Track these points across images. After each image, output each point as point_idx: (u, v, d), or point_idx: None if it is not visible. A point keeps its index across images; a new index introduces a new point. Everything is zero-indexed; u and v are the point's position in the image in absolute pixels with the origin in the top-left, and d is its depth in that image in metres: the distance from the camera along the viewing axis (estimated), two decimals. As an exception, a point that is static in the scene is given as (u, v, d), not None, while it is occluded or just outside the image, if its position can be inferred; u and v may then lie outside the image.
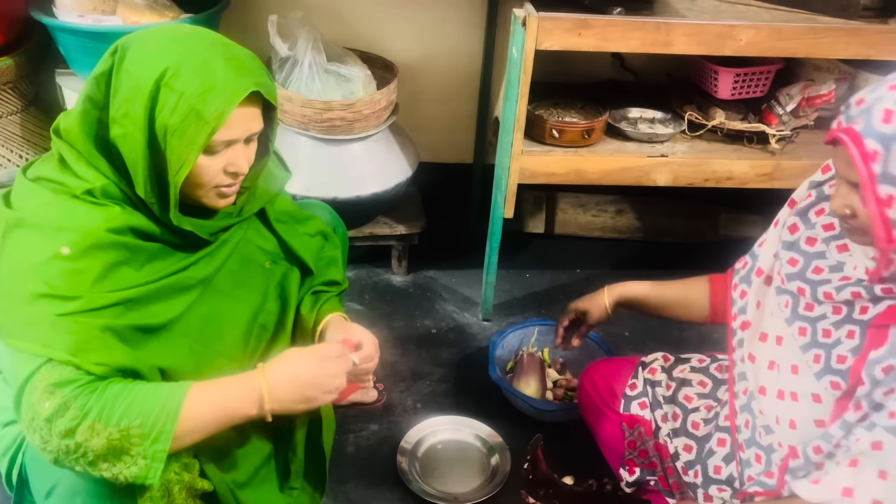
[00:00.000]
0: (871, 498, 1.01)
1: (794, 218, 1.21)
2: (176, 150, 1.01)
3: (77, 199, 1.03)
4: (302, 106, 1.99)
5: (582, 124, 1.94)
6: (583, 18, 1.71)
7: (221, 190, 1.11)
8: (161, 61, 1.00)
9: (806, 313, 1.15)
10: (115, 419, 0.98)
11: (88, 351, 0.99)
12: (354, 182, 2.08)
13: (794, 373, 1.15)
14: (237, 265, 1.21)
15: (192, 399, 1.03)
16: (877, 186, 0.93)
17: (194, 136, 1.01)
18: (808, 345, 1.13)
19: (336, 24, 2.26)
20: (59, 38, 1.93)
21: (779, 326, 1.19)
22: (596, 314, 1.55)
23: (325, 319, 1.30)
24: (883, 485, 1.00)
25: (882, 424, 1.01)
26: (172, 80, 0.99)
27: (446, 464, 1.72)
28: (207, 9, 1.97)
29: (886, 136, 0.91)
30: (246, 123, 1.07)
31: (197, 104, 0.99)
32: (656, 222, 2.56)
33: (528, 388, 1.84)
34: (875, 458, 1.01)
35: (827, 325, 1.12)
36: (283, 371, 1.10)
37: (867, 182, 0.93)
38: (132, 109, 1.00)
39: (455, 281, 2.33)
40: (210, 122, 1.00)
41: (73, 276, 0.99)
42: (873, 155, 0.92)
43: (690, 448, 1.37)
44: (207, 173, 1.07)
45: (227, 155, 1.08)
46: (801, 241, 1.18)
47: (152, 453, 0.99)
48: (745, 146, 2.00)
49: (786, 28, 1.78)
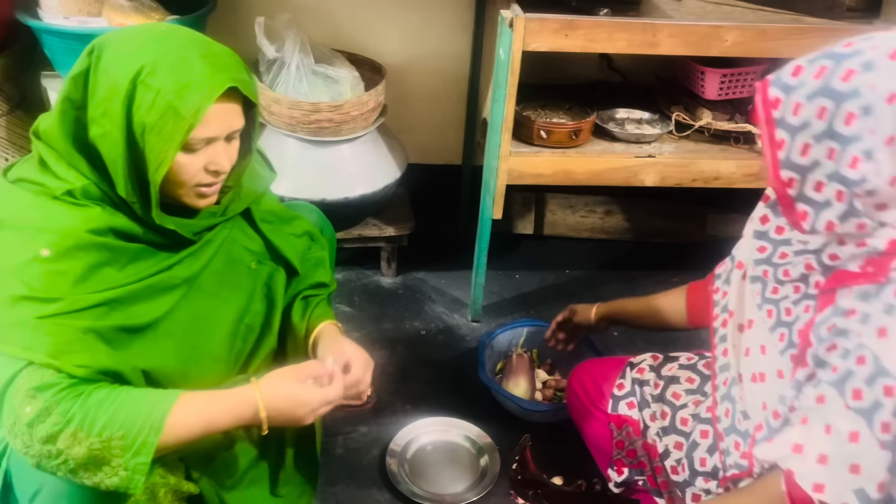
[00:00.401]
0: (818, 452, 1.03)
1: (766, 210, 1.24)
2: (154, 148, 1.00)
3: (57, 201, 1.02)
4: (289, 108, 1.99)
5: (570, 125, 1.95)
6: (570, 19, 1.72)
7: (202, 190, 1.10)
8: (137, 59, 1.00)
9: (772, 296, 1.19)
10: (98, 428, 0.96)
11: (70, 353, 0.98)
12: (343, 184, 2.08)
13: (763, 353, 1.19)
14: (222, 265, 1.21)
15: (179, 411, 1.01)
16: (774, 130, 1.00)
17: (172, 134, 1.00)
18: (774, 325, 1.17)
19: (323, 25, 2.25)
20: (44, 40, 1.92)
21: (752, 313, 1.23)
22: (581, 315, 1.71)
23: (317, 329, 1.29)
24: (827, 438, 1.02)
25: (825, 380, 1.03)
26: (149, 77, 0.99)
27: (435, 465, 1.72)
28: (194, 11, 1.96)
29: (789, 86, 0.98)
30: (225, 121, 1.06)
31: (174, 101, 0.99)
32: (645, 223, 2.57)
33: (517, 388, 1.84)
34: (820, 412, 1.03)
35: (788, 304, 1.16)
36: (282, 389, 1.10)
37: (765, 125, 1.01)
38: (110, 108, 1.00)
39: (444, 282, 2.33)
40: (187, 118, 1.00)
41: (53, 278, 0.98)
42: (775, 102, 1.00)
43: (681, 445, 1.37)
44: (187, 171, 1.06)
45: (208, 153, 1.07)
46: (770, 230, 1.22)
47: (133, 465, 0.98)
48: (732, 146, 2.01)
49: (771, 28, 1.79)
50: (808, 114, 0.97)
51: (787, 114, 0.99)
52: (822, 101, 0.95)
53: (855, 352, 1.00)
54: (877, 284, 1.00)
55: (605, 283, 2.40)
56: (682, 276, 2.35)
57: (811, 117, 0.97)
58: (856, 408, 0.99)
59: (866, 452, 0.99)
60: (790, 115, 0.98)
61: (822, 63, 0.97)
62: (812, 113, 0.96)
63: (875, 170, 0.94)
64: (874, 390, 0.98)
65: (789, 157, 1.00)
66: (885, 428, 0.98)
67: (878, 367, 0.98)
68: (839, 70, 0.94)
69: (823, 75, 0.96)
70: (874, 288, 1.00)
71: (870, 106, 0.92)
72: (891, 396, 0.97)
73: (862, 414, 0.99)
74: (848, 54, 0.96)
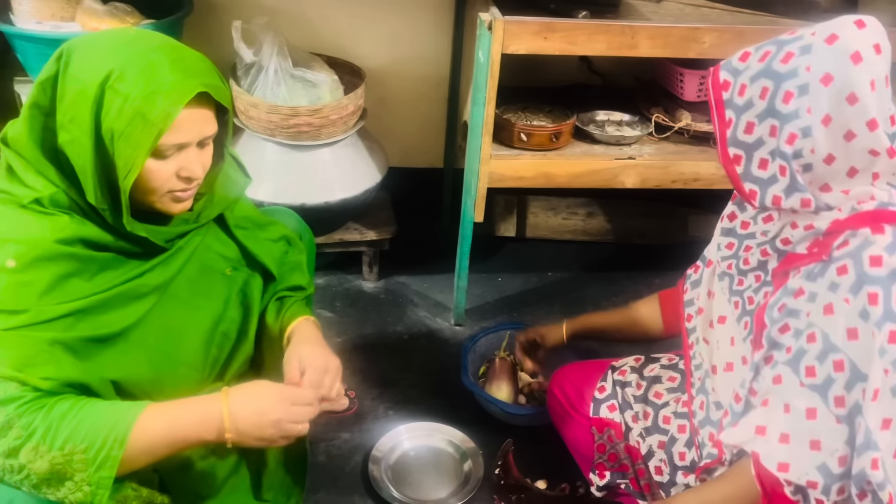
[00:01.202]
0: (780, 431, 1.07)
1: (733, 207, 1.29)
2: (123, 154, 0.99)
3: (24, 210, 1.00)
4: (268, 112, 1.97)
5: (550, 127, 1.95)
6: (548, 22, 1.72)
7: (176, 195, 1.08)
8: (106, 64, 0.98)
9: (737, 288, 1.23)
10: (60, 442, 0.94)
11: (35, 365, 0.96)
12: (323, 188, 2.07)
13: (732, 344, 1.22)
14: (196, 272, 1.19)
15: (144, 422, 0.99)
16: (723, 110, 1.08)
17: (140, 140, 0.98)
18: (740, 315, 1.21)
19: (301, 29, 2.24)
20: (16, 45, 1.89)
21: (723, 308, 1.26)
22: (552, 338, 1.68)
23: (291, 326, 1.27)
24: (787, 417, 1.06)
25: (781, 360, 1.08)
26: (117, 82, 0.97)
27: (419, 471, 1.71)
28: (169, 14, 1.94)
29: (737, 69, 1.07)
30: (196, 126, 1.05)
31: (142, 107, 0.97)
32: (626, 224, 2.58)
33: (500, 392, 1.83)
34: (779, 392, 1.08)
35: (750, 292, 1.20)
36: (249, 404, 1.06)
37: (714, 106, 1.09)
38: (78, 114, 0.98)
39: (427, 286, 2.32)
40: (156, 124, 0.98)
41: (18, 289, 0.96)
42: (724, 84, 1.08)
43: (664, 444, 1.37)
44: (159, 178, 1.04)
45: (179, 159, 1.05)
46: (737, 226, 1.27)
47: (97, 480, 0.96)
48: (712, 147, 2.02)
49: (748, 30, 1.80)
50: (752, 94, 1.04)
51: (735, 95, 1.06)
52: (764, 81, 1.03)
53: (806, 330, 1.05)
54: (821, 263, 1.05)
55: (588, 284, 2.40)
56: (664, 277, 2.38)
57: (755, 97, 1.04)
58: (810, 385, 1.04)
59: (824, 428, 1.03)
60: (737, 95, 1.06)
61: (766, 48, 1.04)
62: (755, 93, 1.04)
63: (811, 146, 1.01)
64: (825, 366, 1.02)
65: (735, 134, 1.07)
66: (839, 402, 1.02)
67: (827, 344, 1.02)
68: (780, 53, 1.03)
69: (766, 58, 1.04)
70: (819, 267, 1.05)
71: (806, 85, 0.99)
72: (841, 371, 1.01)
73: (816, 390, 1.03)
74: (790, 40, 1.03)
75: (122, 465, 0.97)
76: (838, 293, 1.01)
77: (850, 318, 1.00)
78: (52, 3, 1.86)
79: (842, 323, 1.01)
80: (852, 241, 1.02)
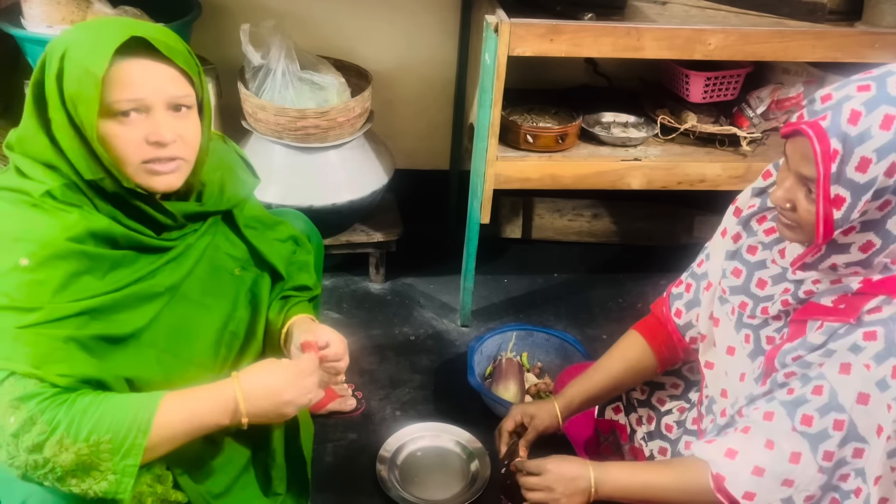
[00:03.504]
0: (755, 463, 1.05)
1: (738, 227, 1.23)
2: (82, 114, 1.01)
3: (36, 208, 1.02)
4: (276, 114, 1.99)
5: (556, 129, 1.95)
6: (554, 24, 1.73)
7: (151, 167, 1.06)
8: (64, 42, 1.03)
9: (749, 322, 1.19)
10: (85, 434, 0.96)
11: (51, 362, 0.97)
12: (330, 190, 2.08)
13: (742, 381, 1.19)
14: (206, 272, 1.20)
15: (164, 410, 1.02)
16: (829, 186, 0.94)
17: (89, 93, 1.00)
18: (754, 352, 1.17)
19: (309, 32, 2.25)
20: (28, 49, 1.91)
21: (729, 335, 1.22)
22: (544, 419, 1.40)
23: (290, 321, 1.29)
24: (768, 453, 1.05)
25: (779, 399, 1.06)
26: (71, 51, 1.01)
27: (426, 471, 1.72)
28: (178, 18, 1.96)
29: (849, 136, 0.92)
30: (153, 82, 1.04)
31: (85, 61, 1.00)
32: (632, 226, 2.58)
33: (507, 392, 1.84)
34: (765, 428, 1.06)
35: (770, 331, 1.16)
36: (259, 380, 1.10)
37: (822, 180, 0.94)
38: (51, 96, 1.02)
39: (433, 287, 2.33)
40: (95, 71, 0.99)
41: (32, 287, 0.98)
42: (834, 154, 0.93)
43: (665, 451, 1.38)
44: (125, 143, 1.04)
45: (146, 124, 1.05)
46: (742, 249, 1.21)
47: (122, 468, 0.98)
48: (717, 149, 2.02)
49: (754, 32, 1.80)
50: (878, 171, 0.91)
51: (850, 169, 0.93)
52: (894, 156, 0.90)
53: (814, 380, 1.02)
54: (847, 325, 1.01)
55: (594, 285, 2.41)
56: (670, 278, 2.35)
57: (879, 175, 0.91)
58: (803, 432, 1.02)
59: (803, 473, 1.02)
60: (853, 171, 0.93)
61: (886, 110, 0.91)
62: (881, 170, 0.91)
63: None
64: (824, 420, 1.00)
65: (848, 216, 0.95)
66: (828, 456, 1.01)
67: (833, 401, 1.00)
68: None
69: (893, 126, 0.90)
70: (844, 328, 1.01)
71: None
72: (840, 430, 1.00)
73: (808, 439, 1.02)
74: None
75: (145, 453, 0.99)
76: (860, 357, 0.98)
77: (867, 384, 0.98)
78: (63, 7, 1.88)
79: (856, 386, 0.98)
80: (886, 308, 0.99)
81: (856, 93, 0.94)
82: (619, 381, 1.39)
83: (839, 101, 0.94)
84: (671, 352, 1.36)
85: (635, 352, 1.39)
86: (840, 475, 1.04)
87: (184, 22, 1.96)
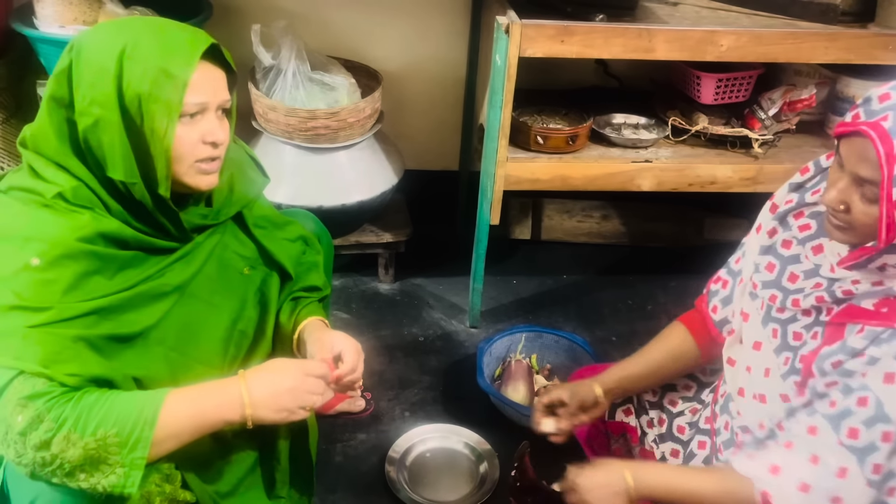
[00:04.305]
0: (801, 480, 1.03)
1: (774, 222, 1.21)
2: (155, 115, 1.02)
3: (47, 209, 1.02)
4: (286, 115, 1.99)
5: (566, 130, 1.95)
6: (565, 25, 1.72)
7: (202, 166, 1.10)
8: (118, 40, 1.02)
9: (777, 315, 1.17)
10: (92, 428, 0.97)
11: (60, 362, 0.98)
12: (340, 190, 2.08)
13: (766, 376, 1.17)
14: (215, 271, 1.21)
15: (170, 405, 1.02)
16: (893, 188, 0.92)
17: (170, 95, 1.02)
18: (780, 347, 1.15)
19: (320, 32, 2.25)
20: (40, 49, 1.92)
21: (756, 330, 1.20)
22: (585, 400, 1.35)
23: (302, 324, 1.29)
24: (813, 469, 1.02)
25: (822, 412, 1.03)
26: (133, 51, 1.01)
27: (435, 472, 1.72)
28: (189, 18, 1.96)
29: None
30: (213, 86, 1.08)
31: (163, 63, 1.01)
32: (641, 227, 2.57)
33: (516, 394, 1.84)
34: (809, 442, 1.03)
35: (798, 328, 1.13)
36: (265, 380, 1.10)
37: (886, 182, 0.92)
38: (99, 93, 1.01)
39: (442, 288, 2.33)
40: (180, 76, 1.02)
41: (43, 287, 0.98)
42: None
43: (677, 453, 1.37)
44: (186, 143, 1.06)
45: (203, 124, 1.08)
46: (777, 244, 1.19)
47: (130, 461, 0.98)
48: (729, 151, 2.01)
49: (766, 33, 1.79)
50: None
51: None
52: None
53: (857, 391, 0.99)
54: (890, 330, 0.98)
55: (603, 287, 2.40)
56: (680, 280, 2.37)
57: None
58: (849, 445, 0.99)
59: (851, 488, 1.00)
60: None
61: None
62: None
63: None
64: (872, 433, 0.98)
65: None
66: (877, 469, 0.98)
67: (879, 412, 0.97)
68: None
69: None
70: (888, 333, 0.98)
71: None
72: (888, 442, 0.97)
73: (855, 452, 0.99)
74: None
75: (152, 448, 0.99)
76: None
77: None
78: (75, 7, 1.89)
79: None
80: None
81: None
82: (659, 365, 1.36)
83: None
84: (715, 345, 1.33)
85: (676, 339, 1.36)
86: (889, 488, 1.01)
87: (195, 22, 1.96)
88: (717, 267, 1.38)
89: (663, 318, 2.25)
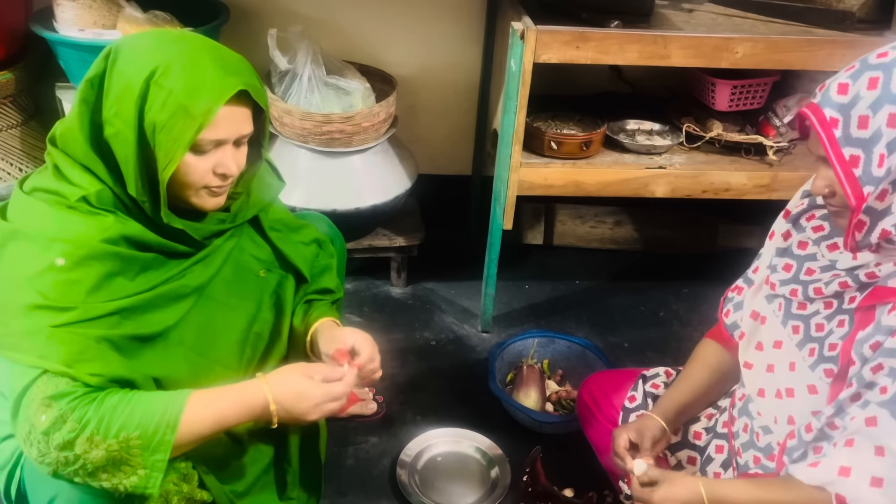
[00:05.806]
0: (871, 475, 1.01)
1: (787, 225, 1.23)
2: (164, 146, 1.02)
3: (72, 210, 1.03)
4: (301, 119, 2.00)
5: (580, 136, 1.95)
6: (581, 31, 1.72)
7: (212, 189, 1.11)
8: (151, 60, 1.02)
9: (799, 312, 1.17)
10: (115, 430, 0.98)
11: (84, 362, 0.99)
12: (354, 194, 2.09)
13: (792, 370, 1.17)
14: (231, 273, 1.22)
15: (192, 408, 1.03)
16: (840, 149, 0.99)
17: (182, 133, 1.02)
18: (803, 341, 1.15)
19: (335, 37, 2.27)
20: (59, 52, 1.95)
21: (775, 331, 1.20)
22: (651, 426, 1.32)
23: (314, 325, 1.30)
24: (881, 461, 1.01)
25: (875, 401, 1.02)
26: (162, 78, 1.01)
27: (446, 476, 1.72)
28: (207, 23, 1.98)
29: (842, 104, 0.99)
30: (235, 124, 1.08)
31: (185, 101, 1.01)
32: (654, 233, 2.57)
33: (527, 399, 1.83)
34: (870, 435, 1.02)
35: (819, 319, 1.14)
36: (290, 383, 1.12)
37: (829, 147, 1.00)
38: (123, 108, 1.02)
39: (454, 293, 2.33)
40: (197, 118, 1.02)
41: (67, 287, 0.99)
42: (833, 122, 0.99)
43: (694, 459, 1.36)
44: (196, 172, 1.08)
45: (217, 155, 1.08)
46: (793, 246, 1.21)
47: (152, 463, 0.99)
48: (743, 158, 2.01)
49: (782, 41, 1.79)
50: (879, 123, 0.96)
51: (853, 129, 0.98)
52: (890, 107, 0.95)
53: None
54: None
55: (615, 293, 2.40)
56: (692, 287, 2.37)
57: (882, 126, 0.96)
58: None
59: None
60: (856, 129, 0.98)
61: (869, 74, 0.97)
62: (882, 121, 0.96)
63: None
64: None
65: (869, 170, 0.98)
66: None
67: None
68: (893, 76, 0.96)
69: (879, 84, 0.96)
70: None
71: None
72: None
73: None
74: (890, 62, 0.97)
75: (172, 449, 1.01)
76: None
77: None
78: (94, 11, 1.91)
79: None
80: None
81: (842, 73, 1.02)
82: (707, 385, 1.36)
83: (828, 84, 1.02)
84: None
85: (714, 355, 1.37)
86: None
87: (212, 26, 1.98)
88: (731, 274, 1.38)
89: (676, 324, 2.25)
